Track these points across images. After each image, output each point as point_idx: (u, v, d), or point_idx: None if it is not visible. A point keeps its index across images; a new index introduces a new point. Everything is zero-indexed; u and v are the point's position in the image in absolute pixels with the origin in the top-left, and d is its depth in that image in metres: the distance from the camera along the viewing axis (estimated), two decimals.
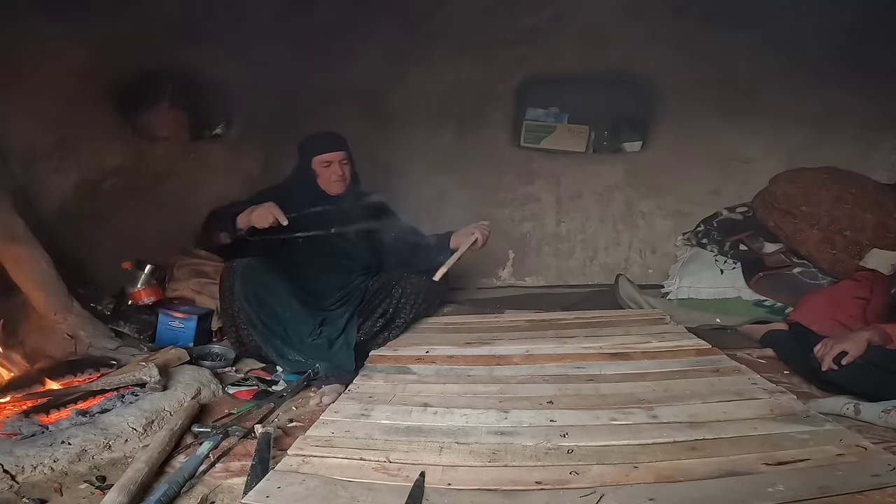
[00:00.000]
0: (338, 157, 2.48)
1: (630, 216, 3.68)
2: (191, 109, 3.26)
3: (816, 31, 3.21)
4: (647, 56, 3.47)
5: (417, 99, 3.64)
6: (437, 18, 3.43)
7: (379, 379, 2.02)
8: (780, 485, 1.23)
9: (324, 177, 2.49)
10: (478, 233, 2.44)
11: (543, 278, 3.74)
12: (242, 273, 2.26)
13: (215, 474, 1.50)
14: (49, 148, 2.63)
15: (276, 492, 1.28)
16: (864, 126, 3.34)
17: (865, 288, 2.41)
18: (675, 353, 2.14)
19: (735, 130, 3.48)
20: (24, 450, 1.48)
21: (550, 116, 3.84)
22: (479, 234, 2.44)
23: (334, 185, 2.49)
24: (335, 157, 2.47)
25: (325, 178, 2.49)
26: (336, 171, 2.48)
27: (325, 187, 2.50)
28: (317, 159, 2.48)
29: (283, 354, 2.23)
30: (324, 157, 2.47)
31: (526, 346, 2.25)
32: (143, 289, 2.71)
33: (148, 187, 3.03)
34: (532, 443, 1.48)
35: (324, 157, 2.47)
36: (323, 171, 2.49)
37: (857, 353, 1.90)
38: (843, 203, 2.81)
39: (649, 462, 1.36)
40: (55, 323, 2.35)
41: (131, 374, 1.93)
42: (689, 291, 3.06)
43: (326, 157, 2.47)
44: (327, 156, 2.47)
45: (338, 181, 2.49)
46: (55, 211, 2.66)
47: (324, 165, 2.48)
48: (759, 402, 1.67)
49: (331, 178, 2.48)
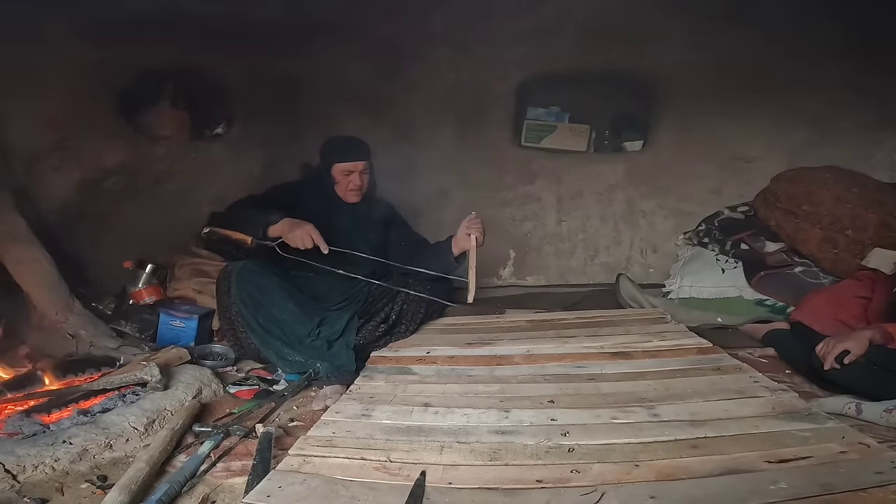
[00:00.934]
0: (359, 168, 2.43)
1: (631, 215, 3.68)
2: (191, 109, 3.26)
3: (818, 30, 3.21)
4: (648, 55, 3.47)
5: (417, 98, 3.63)
6: (438, 17, 3.43)
7: (380, 379, 2.02)
8: (783, 482, 1.22)
9: (342, 185, 2.45)
10: (473, 232, 2.33)
11: (544, 278, 3.73)
12: (237, 276, 2.26)
13: (216, 474, 1.50)
14: (50, 147, 2.64)
15: (277, 491, 1.28)
16: (865, 125, 3.34)
17: (867, 287, 2.41)
18: (676, 351, 2.14)
19: (736, 129, 3.47)
20: (26, 449, 1.48)
21: (551, 116, 3.83)
22: (474, 233, 2.33)
23: (350, 194, 2.45)
24: (356, 168, 2.42)
25: (342, 186, 2.45)
26: (355, 181, 2.43)
27: (341, 195, 2.47)
28: (337, 167, 2.43)
29: (283, 355, 2.22)
30: (345, 167, 2.42)
31: (527, 345, 2.25)
32: (145, 288, 2.72)
33: (149, 187, 3.04)
34: (533, 442, 1.48)
35: (345, 166, 2.42)
36: (342, 180, 2.44)
37: (858, 353, 1.90)
38: (844, 202, 2.81)
39: (650, 460, 1.36)
40: (57, 322, 2.35)
41: (132, 373, 1.93)
42: (690, 291, 3.05)
43: (347, 166, 2.42)
44: (349, 165, 2.42)
45: (354, 191, 2.44)
46: (56, 210, 2.66)
47: (344, 174, 2.43)
48: (760, 400, 1.67)
49: (348, 187, 2.44)
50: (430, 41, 3.49)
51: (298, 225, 2.27)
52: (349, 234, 2.47)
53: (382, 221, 2.59)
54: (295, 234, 2.24)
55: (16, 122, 2.51)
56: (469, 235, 2.30)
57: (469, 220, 2.35)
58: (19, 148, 2.53)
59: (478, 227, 2.32)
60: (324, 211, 2.45)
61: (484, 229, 2.35)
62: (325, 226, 2.39)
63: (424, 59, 3.54)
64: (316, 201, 2.45)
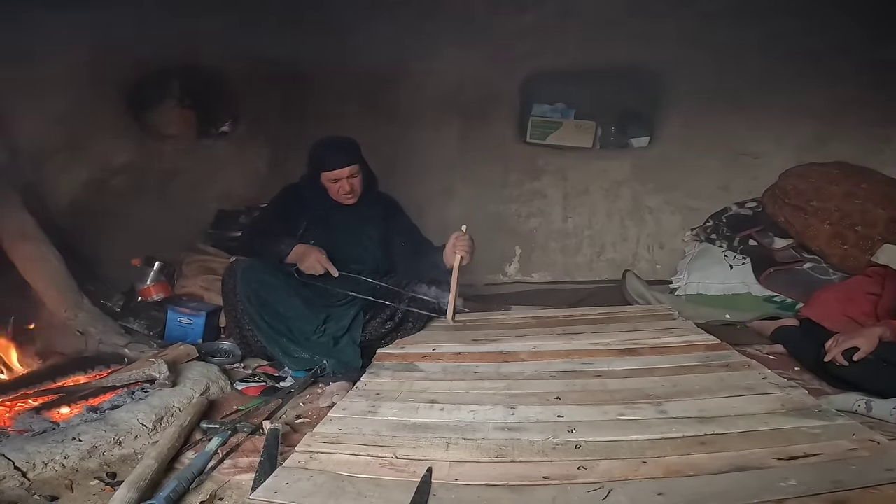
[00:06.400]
0: (345, 174, 2.35)
1: (637, 212, 3.66)
2: (198, 107, 3.27)
3: (826, 26, 3.17)
4: (653, 51, 3.45)
5: (423, 95, 3.63)
6: (443, 14, 3.42)
7: (386, 376, 2.02)
8: (792, 479, 1.21)
9: (332, 191, 2.41)
10: (459, 251, 2.28)
11: (550, 274, 3.73)
12: (243, 274, 2.26)
13: (224, 470, 1.51)
14: (58, 146, 2.65)
15: (284, 488, 1.29)
16: (874, 121, 3.30)
17: (877, 284, 2.38)
18: (683, 348, 2.12)
19: (743, 125, 3.44)
20: (36, 447, 1.49)
21: (557, 112, 3.82)
22: (460, 252, 2.28)
23: (343, 198, 2.42)
24: (342, 174, 2.36)
25: (333, 191, 2.41)
26: (344, 187, 2.37)
27: (335, 199, 2.45)
28: (324, 175, 2.39)
29: (289, 352, 2.23)
30: (331, 175, 2.37)
31: (533, 342, 2.24)
32: (153, 285, 2.73)
33: (156, 185, 3.05)
34: (539, 438, 1.47)
35: (331, 174, 2.37)
36: (331, 186, 2.40)
37: (868, 350, 1.89)
38: (854, 198, 2.79)
39: (658, 457, 1.35)
40: (66, 320, 2.37)
41: (141, 370, 1.95)
42: (697, 287, 3.04)
43: (334, 174, 2.37)
44: (334, 173, 2.36)
45: (347, 196, 2.40)
46: (65, 208, 2.68)
47: (331, 181, 2.39)
48: (769, 397, 1.66)
49: (339, 193, 2.40)
50: (435, 38, 3.49)
51: (308, 253, 2.31)
52: (350, 234, 2.47)
53: (384, 219, 2.56)
54: (306, 265, 2.30)
55: (24, 121, 2.52)
56: (455, 254, 2.28)
57: (456, 236, 2.31)
58: (28, 147, 2.54)
59: (464, 245, 2.29)
60: (324, 212, 2.44)
61: (473, 247, 2.31)
62: (326, 226, 2.40)
63: (429, 55, 3.53)
64: (316, 203, 2.44)
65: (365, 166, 2.45)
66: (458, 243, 2.30)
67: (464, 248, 2.29)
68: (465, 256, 2.29)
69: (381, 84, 3.58)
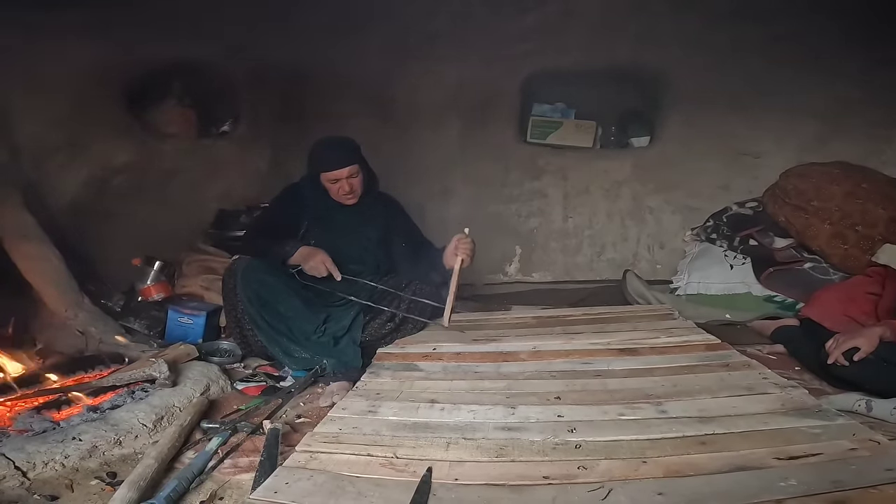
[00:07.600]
0: (344, 174, 2.34)
1: (638, 211, 3.66)
2: (198, 106, 3.27)
3: (826, 26, 3.17)
4: (654, 51, 3.45)
5: (423, 94, 3.63)
6: (443, 14, 3.42)
7: (386, 376, 2.02)
8: (792, 479, 1.21)
9: (332, 191, 2.41)
10: (461, 253, 2.28)
11: (550, 274, 3.73)
12: (243, 274, 2.26)
13: (224, 470, 1.51)
14: (59, 145, 2.65)
15: (284, 487, 1.29)
16: (875, 121, 3.29)
17: (877, 284, 2.38)
18: (683, 348, 2.12)
19: (744, 125, 3.44)
20: (36, 446, 1.49)
21: (557, 112, 3.82)
22: (461, 255, 2.28)
23: (343, 198, 2.41)
24: (341, 175, 2.36)
25: (333, 192, 2.41)
26: (344, 187, 2.37)
27: (336, 199, 2.44)
28: (323, 176, 2.39)
29: (290, 352, 2.23)
30: (330, 175, 2.37)
31: (533, 342, 2.24)
32: (153, 285, 2.73)
33: (156, 184, 3.05)
34: (539, 438, 1.47)
35: (330, 175, 2.37)
36: (331, 186, 2.40)
37: (869, 350, 1.89)
38: (854, 198, 2.78)
39: (658, 457, 1.35)
40: (66, 319, 2.37)
41: (141, 370, 1.95)
42: (698, 287, 3.04)
43: (332, 174, 2.36)
44: (333, 174, 2.36)
45: (347, 196, 2.40)
46: (65, 208, 2.68)
47: (331, 182, 2.39)
48: (769, 397, 1.66)
49: (339, 193, 2.40)
50: (435, 38, 3.49)
51: (313, 255, 2.30)
52: (351, 234, 2.47)
53: (384, 219, 2.56)
54: (310, 266, 2.30)
55: (24, 121, 2.52)
56: (456, 255, 2.28)
57: (459, 238, 2.31)
58: (28, 146, 2.54)
59: (466, 248, 2.28)
60: (325, 212, 2.44)
61: (473, 251, 2.31)
62: (326, 227, 2.40)
63: (429, 55, 3.53)
64: (317, 203, 2.44)
65: (365, 166, 2.45)
66: (460, 245, 2.29)
67: (466, 251, 2.29)
68: (466, 259, 2.29)
69: (381, 84, 3.57)
